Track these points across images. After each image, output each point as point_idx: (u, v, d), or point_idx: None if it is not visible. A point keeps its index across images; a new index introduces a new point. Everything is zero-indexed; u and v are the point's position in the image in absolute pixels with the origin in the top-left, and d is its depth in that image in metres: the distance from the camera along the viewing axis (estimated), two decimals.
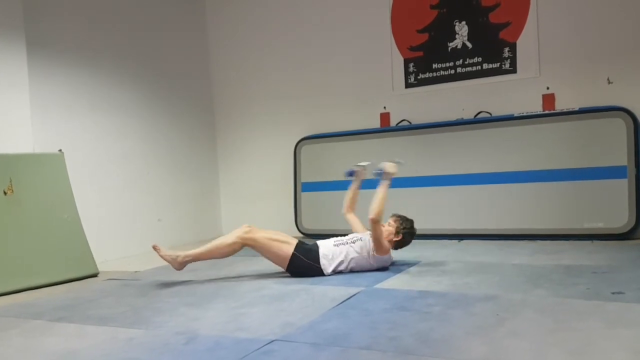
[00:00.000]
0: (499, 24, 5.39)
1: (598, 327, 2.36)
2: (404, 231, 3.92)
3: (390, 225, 3.94)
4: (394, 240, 3.91)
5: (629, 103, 4.82)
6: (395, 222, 3.94)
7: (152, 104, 5.95)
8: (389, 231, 3.91)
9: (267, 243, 3.79)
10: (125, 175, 5.57)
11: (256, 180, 6.60)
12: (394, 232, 3.91)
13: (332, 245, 3.85)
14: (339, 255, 3.81)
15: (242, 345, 2.37)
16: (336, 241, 3.89)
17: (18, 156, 4.28)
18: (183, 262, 3.81)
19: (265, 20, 6.53)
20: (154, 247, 3.78)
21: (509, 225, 5.14)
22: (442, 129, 5.50)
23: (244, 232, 3.79)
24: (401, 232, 3.91)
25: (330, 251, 3.81)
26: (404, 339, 2.34)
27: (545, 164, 5.06)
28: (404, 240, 3.96)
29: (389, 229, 3.91)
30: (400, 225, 3.92)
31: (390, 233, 3.90)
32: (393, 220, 3.96)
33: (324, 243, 3.88)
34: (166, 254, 3.79)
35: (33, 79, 4.63)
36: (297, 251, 3.78)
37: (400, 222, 3.94)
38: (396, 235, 3.91)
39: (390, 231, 3.91)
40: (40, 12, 4.79)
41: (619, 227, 4.72)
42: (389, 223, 3.95)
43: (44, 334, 2.78)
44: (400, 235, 3.91)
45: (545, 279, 3.34)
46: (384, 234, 3.84)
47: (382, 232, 3.75)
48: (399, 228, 3.91)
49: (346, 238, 3.91)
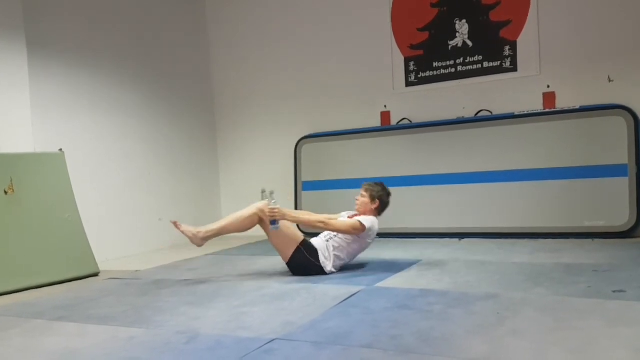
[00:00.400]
0: (500, 22, 5.38)
1: (599, 325, 2.35)
2: (378, 195, 3.97)
3: (364, 196, 3.98)
4: (373, 209, 3.96)
5: (630, 101, 4.82)
6: (367, 191, 3.98)
7: (152, 104, 5.95)
8: (365, 202, 3.96)
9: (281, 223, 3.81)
10: (126, 175, 5.57)
11: (257, 179, 6.59)
12: (370, 201, 3.96)
13: (324, 241, 3.89)
14: (334, 249, 3.84)
15: (243, 344, 2.37)
16: (325, 237, 3.93)
17: (19, 156, 4.28)
18: (205, 237, 3.82)
19: (266, 20, 6.52)
20: (174, 223, 3.80)
21: (510, 223, 5.14)
22: (443, 127, 5.50)
23: (264, 204, 3.80)
24: (376, 197, 3.96)
25: (324, 247, 3.85)
26: (405, 337, 2.34)
27: (545, 162, 5.06)
28: (382, 203, 3.99)
29: (363, 200, 3.97)
30: (372, 192, 3.97)
31: (366, 204, 3.96)
32: (364, 190, 4.01)
33: (317, 241, 3.92)
34: (187, 229, 3.81)
35: (33, 79, 4.63)
36: (302, 246, 3.80)
37: (371, 189, 3.98)
38: (373, 202, 3.96)
39: (365, 202, 3.96)
40: (41, 12, 4.79)
41: (619, 226, 4.72)
42: (362, 194, 3.99)
43: (44, 333, 2.78)
44: (376, 201, 3.96)
45: (545, 277, 3.34)
46: (362, 207, 3.95)
47: (342, 224, 3.78)
48: (372, 195, 3.96)
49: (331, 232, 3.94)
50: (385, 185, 4.06)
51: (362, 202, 3.98)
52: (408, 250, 4.71)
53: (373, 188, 3.99)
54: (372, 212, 3.96)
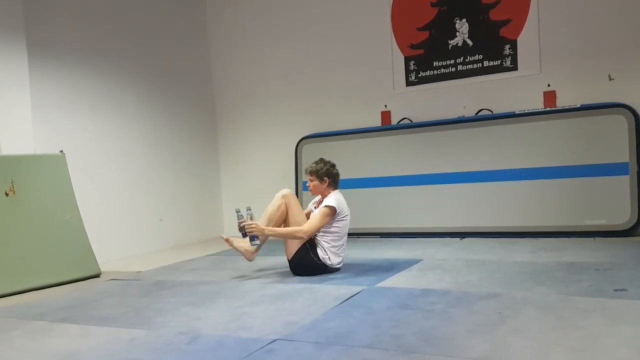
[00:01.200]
0: (500, 21, 5.38)
1: (600, 324, 2.35)
2: (324, 172, 3.95)
3: (312, 180, 3.98)
4: (326, 187, 3.96)
5: (631, 99, 4.82)
6: (312, 174, 3.97)
7: (153, 104, 5.95)
8: (316, 185, 3.97)
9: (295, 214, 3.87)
10: (127, 175, 5.57)
11: (257, 179, 6.60)
12: (319, 182, 3.95)
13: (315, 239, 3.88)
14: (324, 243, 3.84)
15: (244, 345, 2.37)
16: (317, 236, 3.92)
17: (19, 157, 4.28)
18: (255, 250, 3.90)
19: (266, 20, 6.52)
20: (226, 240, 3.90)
21: (511, 222, 5.13)
22: (443, 126, 5.50)
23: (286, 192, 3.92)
24: (323, 175, 3.95)
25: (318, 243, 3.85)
26: (406, 337, 2.34)
27: (546, 161, 5.05)
28: (331, 176, 3.98)
29: (314, 184, 3.97)
30: (317, 173, 3.95)
31: (317, 186, 3.96)
32: (308, 175, 4.00)
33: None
34: (239, 245, 3.88)
35: (34, 80, 4.63)
36: (308, 243, 3.82)
37: (314, 171, 3.96)
38: (322, 181, 3.95)
39: (316, 185, 3.97)
40: (41, 13, 4.79)
41: (621, 224, 4.72)
42: (309, 179, 3.99)
43: (46, 334, 2.78)
44: (325, 179, 3.95)
45: (547, 276, 3.34)
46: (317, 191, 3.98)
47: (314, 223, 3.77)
48: (320, 176, 3.94)
49: None
50: (324, 158, 4.04)
51: (313, 186, 3.98)
52: (409, 249, 4.71)
53: (315, 168, 3.97)
54: (327, 189, 3.97)
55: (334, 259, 3.85)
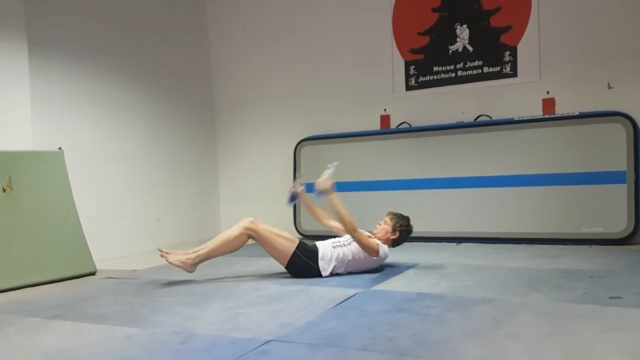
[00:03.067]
0: (500, 27, 5.39)
1: (595, 330, 2.36)
2: (400, 229, 3.93)
3: (387, 223, 3.95)
4: (391, 239, 3.93)
5: (629, 108, 4.83)
6: (392, 220, 3.95)
7: (152, 104, 5.95)
8: (385, 229, 3.93)
9: (270, 237, 3.78)
10: (125, 175, 5.57)
11: (255, 181, 6.60)
12: (391, 230, 3.92)
13: (331, 247, 3.85)
14: (337, 257, 3.80)
15: (238, 345, 2.36)
16: (334, 243, 3.89)
17: (17, 154, 4.28)
18: (194, 263, 3.78)
19: (266, 22, 6.53)
20: (162, 255, 3.76)
21: (508, 228, 5.14)
22: (442, 132, 5.51)
23: (249, 222, 3.79)
24: (398, 229, 3.93)
25: (328, 252, 3.81)
26: (401, 340, 2.33)
27: (544, 168, 5.06)
28: (401, 238, 3.97)
29: (385, 227, 3.93)
30: (397, 223, 3.94)
31: (387, 231, 3.92)
32: (389, 218, 3.98)
33: (323, 244, 3.88)
34: (175, 259, 3.74)
35: (34, 77, 4.63)
36: (299, 250, 3.78)
37: (396, 220, 3.95)
38: (393, 233, 3.92)
39: (386, 229, 3.93)
40: (42, 10, 4.79)
41: (617, 232, 4.72)
42: (385, 221, 3.96)
43: (41, 331, 2.77)
44: (397, 233, 3.93)
45: (543, 282, 3.34)
46: (381, 233, 3.90)
47: (363, 238, 3.73)
48: (395, 226, 3.93)
49: (343, 239, 3.91)
50: (410, 221, 4.00)
51: (383, 229, 3.93)
52: (405, 253, 4.70)
53: (399, 220, 3.94)
54: (388, 241, 3.92)
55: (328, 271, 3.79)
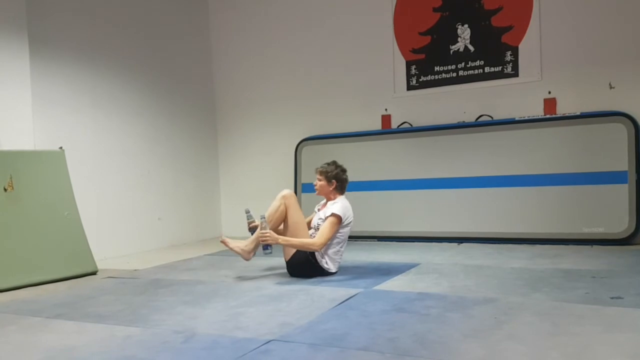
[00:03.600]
0: (502, 27, 5.39)
1: (596, 331, 2.36)
2: (333, 175, 3.95)
3: (320, 179, 3.98)
4: (332, 189, 3.96)
5: (631, 108, 4.83)
6: (321, 174, 3.98)
7: (153, 103, 5.96)
8: (322, 185, 3.97)
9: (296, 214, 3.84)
10: (126, 174, 5.57)
11: (256, 180, 6.60)
12: (326, 183, 3.96)
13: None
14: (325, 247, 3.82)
15: (239, 345, 2.37)
16: (313, 233, 3.91)
17: (19, 153, 4.28)
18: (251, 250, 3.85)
19: (268, 22, 6.53)
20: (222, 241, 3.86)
21: (509, 229, 5.14)
22: (443, 131, 5.50)
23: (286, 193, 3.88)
24: (332, 177, 3.95)
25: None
26: (402, 340, 2.34)
27: (546, 168, 5.06)
28: (340, 180, 3.98)
29: (321, 184, 3.97)
30: (327, 174, 3.95)
31: (324, 186, 3.96)
32: (318, 174, 3.99)
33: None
34: (236, 245, 3.84)
35: (35, 76, 4.63)
36: None
37: (324, 172, 3.97)
38: (330, 184, 3.96)
39: (323, 185, 3.97)
40: (43, 9, 4.79)
41: (619, 232, 4.72)
42: (318, 178, 3.99)
43: (42, 330, 2.78)
44: (333, 182, 3.95)
45: (544, 282, 3.34)
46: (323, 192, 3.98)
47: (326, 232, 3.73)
48: (327, 177, 3.95)
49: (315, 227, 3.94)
50: (337, 161, 4.04)
51: (320, 186, 3.98)
52: (406, 253, 4.71)
53: (326, 169, 3.98)
54: (333, 192, 3.97)
55: (330, 262, 3.84)
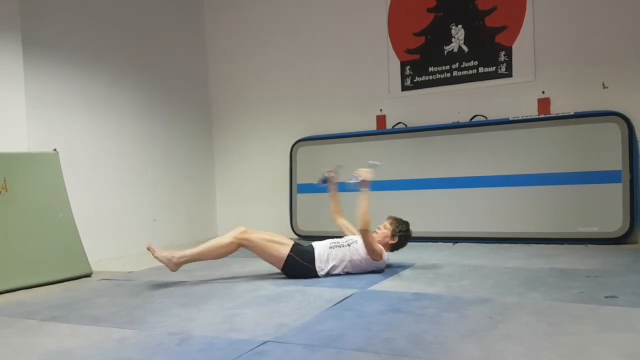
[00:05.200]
0: (495, 27, 5.40)
1: (592, 330, 2.36)
2: (399, 234, 3.91)
3: (386, 227, 3.93)
4: (390, 243, 3.91)
5: (624, 108, 4.84)
6: (391, 224, 3.93)
7: (148, 105, 5.94)
8: (385, 234, 3.91)
9: (263, 244, 3.78)
10: (121, 176, 5.55)
11: (252, 181, 6.60)
12: (390, 235, 3.90)
13: (328, 247, 3.84)
14: (335, 258, 3.79)
15: (235, 346, 2.36)
16: (332, 243, 3.87)
17: (12, 155, 4.26)
18: (178, 262, 3.79)
19: (262, 22, 6.52)
20: (149, 248, 3.74)
21: (504, 228, 5.15)
22: (438, 132, 5.51)
23: (240, 232, 3.78)
24: (397, 234, 3.91)
25: (325, 253, 3.81)
26: (397, 340, 2.34)
27: (540, 167, 5.07)
28: (400, 243, 3.95)
29: (384, 232, 3.91)
30: (396, 228, 3.91)
31: (386, 236, 3.90)
32: (389, 222, 3.95)
33: (320, 245, 3.87)
34: (161, 254, 3.76)
35: (29, 78, 4.61)
36: (293, 252, 3.77)
37: (396, 224, 3.93)
38: (392, 238, 3.90)
39: (385, 234, 3.91)
40: (37, 11, 4.77)
41: (613, 232, 4.74)
42: (385, 226, 3.94)
43: (37, 333, 2.77)
44: (396, 238, 3.91)
45: (539, 282, 3.35)
46: (380, 237, 3.87)
47: (373, 239, 3.74)
48: (394, 231, 3.91)
49: (342, 240, 3.90)
50: (409, 226, 3.98)
51: (382, 233, 3.91)
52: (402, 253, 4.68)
53: (398, 225, 3.92)
54: (386, 245, 3.90)
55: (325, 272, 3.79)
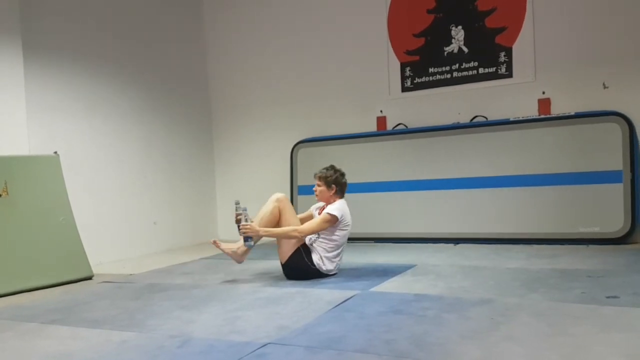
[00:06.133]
0: (495, 28, 5.40)
1: (593, 331, 2.36)
2: (333, 179, 3.95)
3: (319, 185, 3.98)
4: (332, 194, 3.95)
5: (625, 108, 4.84)
6: (320, 179, 3.98)
7: (149, 107, 5.94)
8: (322, 191, 3.97)
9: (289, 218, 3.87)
10: (121, 178, 5.55)
11: (253, 183, 6.59)
12: (326, 188, 3.95)
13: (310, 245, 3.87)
14: (321, 249, 3.83)
15: (236, 348, 2.36)
16: (309, 240, 3.91)
17: (13, 158, 4.26)
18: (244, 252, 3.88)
19: (262, 25, 6.52)
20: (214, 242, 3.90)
21: (505, 229, 5.14)
22: (438, 133, 5.51)
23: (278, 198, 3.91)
24: (331, 182, 3.95)
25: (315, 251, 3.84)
26: (399, 342, 2.33)
27: (541, 168, 5.07)
28: (339, 184, 3.98)
29: (320, 190, 3.97)
30: (326, 179, 3.95)
31: (324, 192, 3.96)
32: (317, 179, 3.99)
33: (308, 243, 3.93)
34: (227, 247, 3.88)
35: (29, 81, 4.62)
36: (302, 247, 3.82)
37: (324, 177, 3.97)
38: (329, 189, 3.95)
39: (322, 190, 3.96)
40: (37, 14, 4.78)
41: (614, 232, 4.73)
42: (317, 184, 3.99)
43: (38, 336, 2.76)
44: (333, 187, 3.95)
45: (540, 283, 3.34)
46: (323, 197, 3.97)
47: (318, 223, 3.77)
48: (327, 182, 3.94)
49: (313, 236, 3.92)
50: (335, 165, 4.05)
51: (320, 192, 3.98)
52: (403, 255, 4.71)
53: (325, 174, 3.98)
54: (333, 197, 3.96)
55: (328, 265, 3.84)
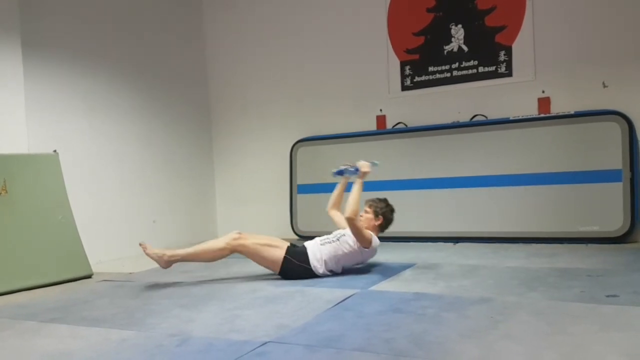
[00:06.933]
0: (495, 27, 5.40)
1: (592, 330, 2.36)
2: (382, 211, 3.96)
3: (367, 212, 3.97)
4: (377, 225, 3.94)
5: (624, 107, 4.84)
6: (370, 207, 3.98)
7: (148, 106, 5.94)
8: (368, 218, 3.95)
9: (257, 248, 3.78)
10: (121, 177, 5.55)
11: (252, 182, 6.59)
12: (373, 217, 3.94)
13: (319, 245, 3.85)
14: (327, 254, 3.80)
15: (235, 347, 2.36)
16: (322, 240, 3.88)
17: (12, 156, 4.26)
18: (169, 260, 3.80)
19: (262, 24, 6.52)
20: (141, 245, 3.77)
21: (504, 228, 5.14)
22: (438, 131, 5.51)
23: (233, 238, 3.78)
24: (380, 213, 3.95)
25: (318, 251, 3.81)
26: (398, 341, 2.33)
27: (540, 167, 5.07)
28: (386, 220, 3.98)
29: (367, 217, 3.95)
30: (376, 208, 3.96)
31: (369, 219, 3.94)
32: (367, 206, 3.99)
33: (311, 244, 3.89)
34: (152, 251, 3.77)
35: (28, 80, 4.61)
36: (288, 254, 3.77)
37: (375, 205, 3.98)
38: (376, 219, 3.94)
39: (369, 218, 3.95)
40: (37, 13, 4.77)
41: (613, 231, 4.73)
42: (365, 210, 3.98)
43: (37, 335, 2.76)
44: (380, 218, 3.95)
45: (540, 281, 3.34)
46: (365, 223, 3.90)
47: (360, 227, 3.75)
48: (376, 211, 3.95)
49: (331, 236, 3.91)
50: (388, 201, 4.04)
51: (365, 218, 3.93)
52: (402, 253, 4.70)
53: (377, 204, 3.97)
54: (374, 228, 3.93)
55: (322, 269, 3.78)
